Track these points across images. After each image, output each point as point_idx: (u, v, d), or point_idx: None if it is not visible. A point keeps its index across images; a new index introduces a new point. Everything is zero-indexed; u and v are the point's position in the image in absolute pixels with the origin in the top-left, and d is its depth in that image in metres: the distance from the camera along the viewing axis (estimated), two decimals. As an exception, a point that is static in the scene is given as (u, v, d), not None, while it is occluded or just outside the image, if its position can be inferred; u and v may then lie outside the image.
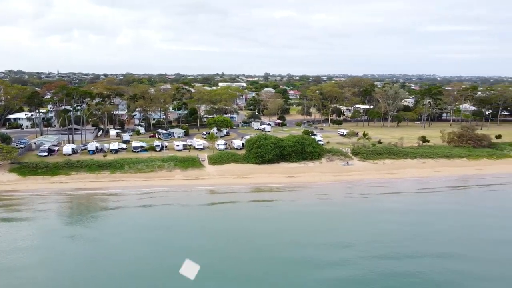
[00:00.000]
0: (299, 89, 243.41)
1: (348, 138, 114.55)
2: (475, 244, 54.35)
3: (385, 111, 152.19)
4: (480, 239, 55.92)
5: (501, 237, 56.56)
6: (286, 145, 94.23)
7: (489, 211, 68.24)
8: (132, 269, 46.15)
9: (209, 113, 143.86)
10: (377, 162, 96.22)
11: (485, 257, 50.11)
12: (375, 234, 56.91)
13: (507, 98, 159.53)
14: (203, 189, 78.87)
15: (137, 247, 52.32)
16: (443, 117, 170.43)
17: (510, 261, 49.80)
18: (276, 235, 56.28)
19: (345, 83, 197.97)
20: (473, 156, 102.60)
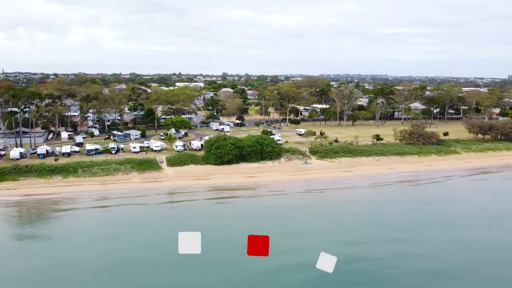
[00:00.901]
0: (257, 89, 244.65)
1: (306, 137, 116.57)
2: (419, 228, 60.44)
3: (341, 111, 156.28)
4: (424, 224, 62.19)
5: (441, 222, 63.28)
6: (246, 145, 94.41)
7: (434, 201, 74.73)
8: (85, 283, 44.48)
9: (166, 113, 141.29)
10: (334, 161, 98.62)
11: (426, 240, 55.70)
12: (331, 223, 61.69)
13: (453, 97, 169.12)
14: (161, 191, 77.39)
15: (91, 255, 50.46)
16: (395, 115, 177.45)
17: (446, 242, 55.51)
18: (234, 229, 56.91)
19: (302, 83, 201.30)
20: (423, 153, 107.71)
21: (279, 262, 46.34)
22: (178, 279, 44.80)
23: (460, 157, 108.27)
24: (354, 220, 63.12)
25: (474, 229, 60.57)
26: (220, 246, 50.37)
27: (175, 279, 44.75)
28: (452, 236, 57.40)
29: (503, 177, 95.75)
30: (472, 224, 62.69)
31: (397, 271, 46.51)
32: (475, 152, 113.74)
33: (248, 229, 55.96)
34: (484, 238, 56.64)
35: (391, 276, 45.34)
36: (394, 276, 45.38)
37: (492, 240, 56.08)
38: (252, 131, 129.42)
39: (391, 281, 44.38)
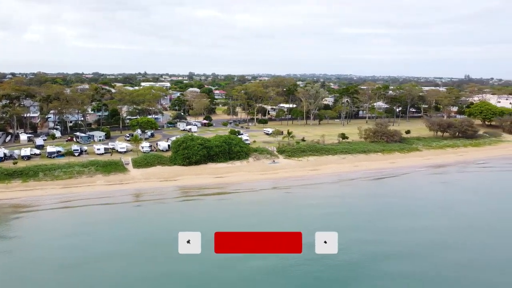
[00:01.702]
0: (225, 89, 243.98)
1: (274, 137, 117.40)
2: (379, 218, 65.37)
3: (308, 110, 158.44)
4: (384, 214, 67.63)
5: (400, 212, 68.94)
6: (213, 146, 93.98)
7: (395, 194, 79.23)
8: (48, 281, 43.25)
9: (132, 114, 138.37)
10: (302, 160, 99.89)
11: (384, 227, 60.42)
12: (296, 217, 64.06)
13: (414, 96, 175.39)
14: (128, 193, 75.79)
15: (55, 255, 48.94)
16: (360, 114, 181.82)
17: (402, 228, 60.23)
18: (202, 228, 56.22)
19: (269, 82, 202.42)
20: (386, 150, 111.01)
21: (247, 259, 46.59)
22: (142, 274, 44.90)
23: (422, 154, 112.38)
24: (318, 213, 66.23)
25: (428, 217, 66.15)
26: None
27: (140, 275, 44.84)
28: (408, 224, 61.86)
29: (460, 171, 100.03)
30: (427, 213, 68.18)
31: (357, 255, 48.90)
32: (435, 149, 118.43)
33: (216, 228, 56.70)
34: (435, 225, 61.72)
35: (351, 260, 47.56)
36: (353, 260, 47.87)
37: (442, 226, 61.33)
38: (220, 131, 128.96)
39: (350, 265, 47.07)
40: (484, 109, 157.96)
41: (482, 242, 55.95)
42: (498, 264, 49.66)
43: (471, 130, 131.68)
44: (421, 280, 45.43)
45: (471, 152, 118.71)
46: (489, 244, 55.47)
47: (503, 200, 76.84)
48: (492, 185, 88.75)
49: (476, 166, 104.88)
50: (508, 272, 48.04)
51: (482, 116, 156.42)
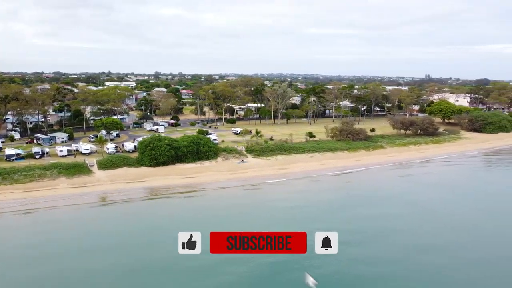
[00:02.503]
0: (192, 89, 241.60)
1: (242, 136, 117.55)
2: (343, 208, 69.67)
3: (275, 109, 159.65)
4: (348, 205, 72.06)
5: (362, 203, 72.90)
6: (181, 146, 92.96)
7: (359, 188, 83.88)
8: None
9: (96, 114, 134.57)
10: (270, 159, 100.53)
11: (347, 216, 64.77)
12: (265, 211, 66.06)
13: (378, 95, 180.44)
14: (92, 196, 73.67)
15: (16, 263, 46.89)
16: (326, 113, 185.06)
17: (363, 217, 64.71)
18: (169, 228, 56.65)
19: (237, 82, 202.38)
20: (352, 148, 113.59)
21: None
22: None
23: (386, 152, 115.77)
24: (287, 207, 69.07)
25: (384, 207, 70.48)
26: (154, 246, 51.39)
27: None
28: (368, 212, 66.51)
29: (421, 167, 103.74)
30: (384, 203, 72.68)
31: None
32: (399, 146, 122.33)
33: (185, 228, 56.60)
34: (394, 212, 67.18)
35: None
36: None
37: (399, 214, 66.71)
38: (188, 131, 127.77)
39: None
40: (444, 108, 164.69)
41: (432, 227, 61.22)
42: (443, 244, 54.85)
43: (432, 127, 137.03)
44: (373, 259, 49.53)
45: (432, 149, 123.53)
46: (438, 228, 60.80)
47: (457, 192, 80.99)
48: (449, 179, 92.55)
49: (436, 162, 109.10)
50: (450, 250, 53.16)
51: (442, 114, 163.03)
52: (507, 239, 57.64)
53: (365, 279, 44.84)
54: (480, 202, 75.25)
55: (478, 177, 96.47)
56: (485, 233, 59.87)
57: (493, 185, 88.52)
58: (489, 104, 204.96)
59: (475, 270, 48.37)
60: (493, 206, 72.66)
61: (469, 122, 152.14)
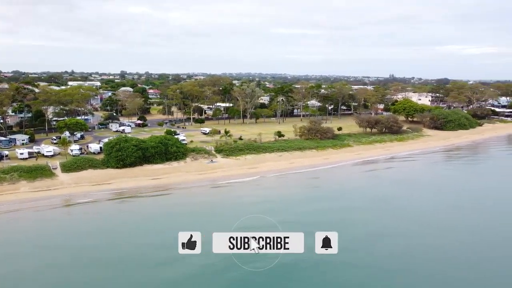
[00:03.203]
0: (159, 88, 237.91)
1: (211, 136, 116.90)
2: (308, 201, 73.24)
3: (244, 109, 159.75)
4: (312, 198, 75.15)
5: (326, 196, 77.23)
6: (149, 146, 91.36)
7: (325, 184, 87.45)
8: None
9: (59, 115, 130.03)
10: (239, 158, 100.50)
11: (310, 208, 67.50)
12: (235, 209, 66.99)
13: (344, 95, 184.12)
14: (55, 199, 71.15)
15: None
16: (294, 113, 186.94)
17: (327, 208, 68.23)
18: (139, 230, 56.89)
19: (205, 82, 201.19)
20: (320, 147, 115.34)
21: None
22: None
23: (353, 150, 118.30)
24: (256, 203, 70.23)
25: (350, 202, 73.41)
26: (124, 248, 50.74)
27: None
28: (330, 205, 70.03)
29: (387, 163, 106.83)
30: (345, 197, 76.30)
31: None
32: (365, 144, 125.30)
33: (153, 230, 57.12)
34: (355, 206, 70.99)
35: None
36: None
37: (361, 207, 70.12)
38: (156, 131, 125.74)
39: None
40: (407, 106, 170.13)
41: (391, 218, 64.89)
42: (398, 233, 58.87)
43: (396, 126, 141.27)
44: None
45: (397, 146, 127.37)
46: (396, 219, 64.74)
47: (417, 187, 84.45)
48: (411, 175, 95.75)
49: (400, 159, 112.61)
50: (405, 237, 57.24)
51: (405, 112, 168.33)
52: (460, 228, 60.83)
53: (323, 263, 46.08)
54: (438, 195, 78.57)
55: (438, 173, 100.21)
56: (436, 222, 63.63)
57: (451, 179, 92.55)
58: (449, 102, 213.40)
59: (429, 253, 52.14)
60: (449, 198, 76.35)
61: (431, 120, 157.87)
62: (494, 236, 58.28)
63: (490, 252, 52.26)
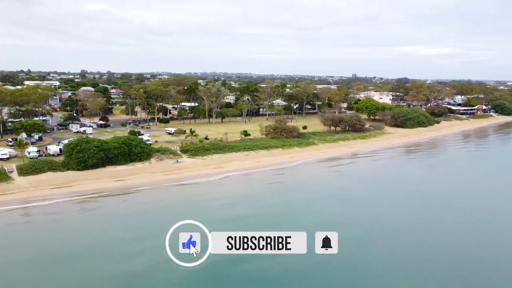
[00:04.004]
0: (122, 88, 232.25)
1: (176, 136, 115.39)
2: (273, 194, 77.58)
3: (210, 108, 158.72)
4: (278, 193, 79.21)
5: (293, 191, 79.90)
6: (112, 147, 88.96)
7: (291, 180, 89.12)
8: None
9: (14, 116, 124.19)
10: (206, 158, 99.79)
11: (276, 200, 72.35)
12: (201, 207, 65.59)
13: (309, 94, 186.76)
14: (11, 204, 67.87)
15: None
16: (260, 112, 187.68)
17: (293, 200, 72.93)
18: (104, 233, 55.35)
19: (170, 81, 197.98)
20: (286, 145, 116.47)
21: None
22: None
23: (318, 148, 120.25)
24: (220, 199, 72.73)
25: (311, 194, 77.56)
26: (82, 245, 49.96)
27: None
28: (292, 198, 73.81)
29: (350, 160, 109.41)
30: (312, 191, 79.07)
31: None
32: (330, 142, 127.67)
33: (114, 229, 56.61)
34: (319, 197, 75.44)
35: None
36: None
37: (321, 199, 74.10)
38: (119, 132, 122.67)
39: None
40: (369, 105, 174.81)
41: (349, 211, 68.12)
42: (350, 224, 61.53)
43: (359, 124, 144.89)
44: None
45: (359, 144, 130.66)
46: (353, 212, 67.83)
47: (377, 183, 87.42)
48: (373, 170, 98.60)
49: (363, 156, 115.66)
50: (356, 226, 59.89)
51: (368, 111, 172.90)
52: (417, 221, 63.31)
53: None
54: (397, 190, 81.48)
55: (398, 168, 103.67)
56: (387, 212, 67.11)
57: (410, 175, 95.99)
58: (409, 101, 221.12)
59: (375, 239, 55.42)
60: (408, 192, 79.50)
61: (392, 118, 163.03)
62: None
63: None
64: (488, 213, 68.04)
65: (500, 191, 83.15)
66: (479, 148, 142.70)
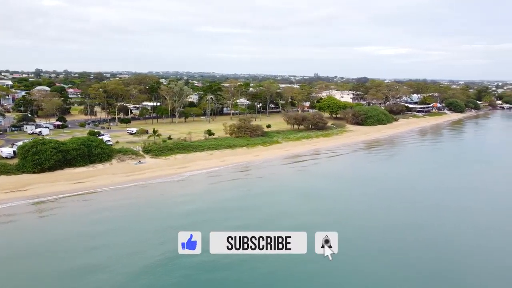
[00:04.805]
0: (80, 87, 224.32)
1: (138, 136, 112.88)
2: (239, 190, 78.78)
3: (173, 108, 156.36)
4: (240, 189, 79.78)
5: (255, 188, 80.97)
6: (70, 149, 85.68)
7: (255, 178, 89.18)
8: None
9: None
10: (169, 158, 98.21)
11: (240, 195, 75.01)
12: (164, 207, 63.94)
13: (272, 93, 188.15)
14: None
15: None
16: (224, 111, 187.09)
17: (257, 194, 75.67)
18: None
19: (130, 80, 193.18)
20: (250, 144, 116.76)
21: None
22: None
23: (282, 146, 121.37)
24: (182, 195, 73.68)
25: (279, 191, 78.42)
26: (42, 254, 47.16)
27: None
28: (260, 194, 75.92)
29: (313, 157, 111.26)
30: (276, 192, 77.97)
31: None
32: (293, 140, 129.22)
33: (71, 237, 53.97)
34: (279, 190, 76.67)
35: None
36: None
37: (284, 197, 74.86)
38: (77, 132, 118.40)
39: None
40: (331, 104, 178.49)
41: (312, 206, 69.22)
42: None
43: (322, 122, 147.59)
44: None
45: (322, 141, 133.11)
46: (316, 207, 68.88)
47: (338, 179, 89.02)
48: (334, 167, 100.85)
49: (325, 153, 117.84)
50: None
51: (330, 109, 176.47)
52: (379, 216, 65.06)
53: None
54: (358, 186, 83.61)
55: (359, 165, 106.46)
56: (345, 206, 69.55)
57: (371, 170, 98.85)
58: (369, 99, 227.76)
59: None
60: (369, 187, 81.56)
61: (353, 116, 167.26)
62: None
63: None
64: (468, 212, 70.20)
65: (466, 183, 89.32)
66: (435, 143, 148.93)
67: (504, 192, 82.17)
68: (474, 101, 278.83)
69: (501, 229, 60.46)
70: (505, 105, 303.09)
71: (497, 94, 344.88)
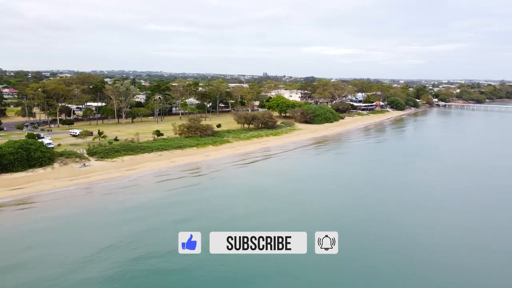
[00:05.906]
0: (16, 87, 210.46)
1: (82, 138, 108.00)
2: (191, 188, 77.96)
3: (119, 108, 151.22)
4: (193, 189, 79.86)
5: (206, 189, 78.83)
6: (6, 153, 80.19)
7: (206, 177, 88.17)
8: None
9: None
10: (116, 160, 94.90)
11: (189, 192, 75.05)
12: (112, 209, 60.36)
13: (222, 92, 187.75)
14: None
15: None
16: (173, 111, 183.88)
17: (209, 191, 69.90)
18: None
19: (72, 79, 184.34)
20: (201, 144, 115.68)
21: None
22: None
23: (232, 145, 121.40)
24: (131, 193, 71.72)
25: (229, 189, 78.33)
26: None
27: None
28: (212, 193, 75.32)
29: (263, 155, 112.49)
30: (223, 188, 77.30)
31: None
32: (244, 139, 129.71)
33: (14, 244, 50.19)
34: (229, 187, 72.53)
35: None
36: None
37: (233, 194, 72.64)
38: (14, 135, 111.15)
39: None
40: (280, 103, 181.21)
41: (260, 202, 71.02)
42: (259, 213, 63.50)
43: (271, 121, 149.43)
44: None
45: (272, 140, 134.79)
46: (263, 202, 70.62)
47: (287, 176, 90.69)
48: (283, 165, 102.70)
49: (275, 151, 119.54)
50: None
51: (279, 108, 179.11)
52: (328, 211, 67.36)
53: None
54: (306, 182, 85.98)
55: (307, 162, 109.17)
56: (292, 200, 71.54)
57: (318, 167, 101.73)
58: (316, 98, 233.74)
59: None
60: (318, 183, 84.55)
61: (301, 115, 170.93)
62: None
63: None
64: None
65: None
66: (380, 140, 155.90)
67: (437, 181, 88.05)
68: (414, 99, 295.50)
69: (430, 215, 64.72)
70: (441, 103, 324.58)
71: (434, 93, 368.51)
